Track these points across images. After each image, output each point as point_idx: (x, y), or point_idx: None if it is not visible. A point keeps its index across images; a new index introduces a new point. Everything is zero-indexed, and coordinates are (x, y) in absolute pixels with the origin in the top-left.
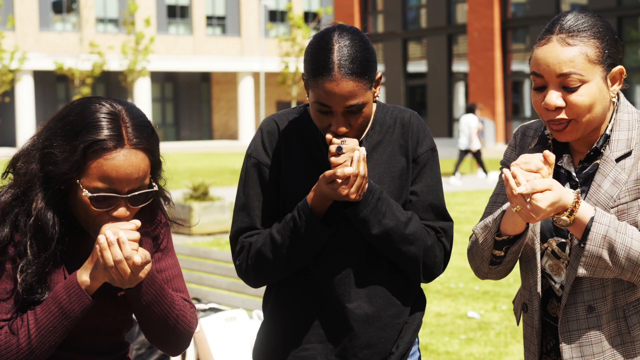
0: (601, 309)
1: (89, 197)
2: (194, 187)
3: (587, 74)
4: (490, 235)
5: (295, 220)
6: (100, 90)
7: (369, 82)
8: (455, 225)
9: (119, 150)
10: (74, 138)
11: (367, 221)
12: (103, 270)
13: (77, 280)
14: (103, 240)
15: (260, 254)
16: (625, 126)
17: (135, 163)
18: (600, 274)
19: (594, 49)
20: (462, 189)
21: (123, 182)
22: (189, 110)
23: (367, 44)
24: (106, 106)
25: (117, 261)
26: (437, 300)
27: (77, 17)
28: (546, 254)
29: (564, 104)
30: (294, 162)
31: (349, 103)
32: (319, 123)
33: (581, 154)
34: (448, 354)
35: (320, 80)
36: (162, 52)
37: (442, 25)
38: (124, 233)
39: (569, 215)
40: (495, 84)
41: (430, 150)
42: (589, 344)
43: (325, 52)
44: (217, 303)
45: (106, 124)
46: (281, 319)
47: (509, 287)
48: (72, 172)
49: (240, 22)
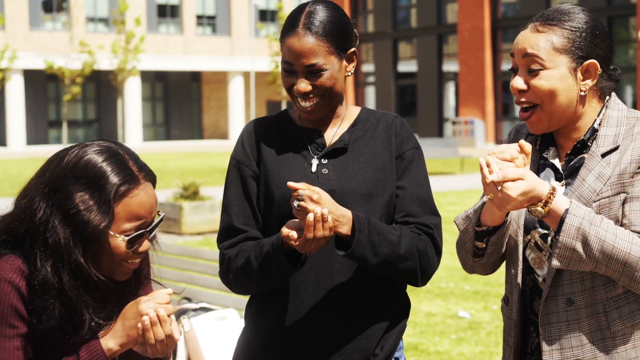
0: (580, 302)
1: (127, 240)
2: (184, 186)
3: (549, 61)
4: (470, 226)
5: (268, 254)
6: (90, 90)
7: (333, 47)
8: (446, 225)
9: (138, 186)
10: (95, 189)
11: (364, 258)
12: (134, 342)
13: (103, 348)
14: (147, 321)
15: (239, 272)
16: (614, 122)
17: (152, 194)
18: (575, 266)
19: (561, 38)
20: (452, 189)
21: (150, 216)
22: (179, 109)
23: (340, 14)
24: (102, 150)
25: (160, 341)
26: (428, 300)
27: (68, 16)
28: (529, 247)
29: (525, 87)
30: (274, 154)
31: (308, 61)
32: (284, 84)
33: (567, 148)
34: (439, 354)
35: (286, 38)
36: (152, 52)
37: (433, 25)
38: (164, 311)
39: (543, 206)
40: (486, 84)
41: (415, 148)
42: (567, 337)
43: (297, 14)
44: (208, 302)
45: (114, 167)
46: (262, 323)
47: (500, 286)
48: (104, 222)
49: (231, 22)
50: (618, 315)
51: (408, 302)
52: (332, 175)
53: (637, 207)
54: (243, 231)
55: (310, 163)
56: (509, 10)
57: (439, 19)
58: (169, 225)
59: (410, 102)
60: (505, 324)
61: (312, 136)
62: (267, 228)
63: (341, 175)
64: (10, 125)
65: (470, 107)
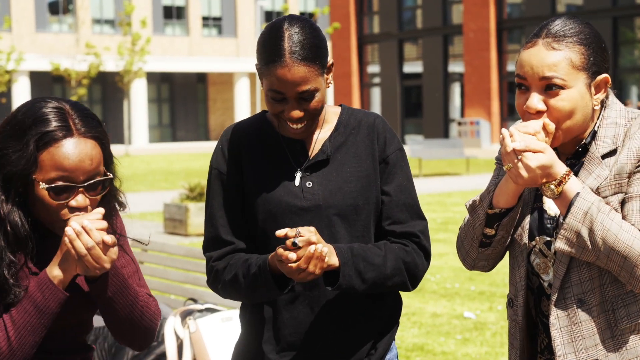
0: (591, 301)
1: (46, 189)
2: (190, 187)
3: (570, 80)
4: (482, 209)
5: (256, 275)
6: (96, 91)
7: (320, 68)
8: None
9: (68, 139)
10: (24, 135)
11: (352, 286)
12: (74, 262)
13: (49, 276)
14: (71, 232)
15: (227, 286)
16: (613, 122)
17: (86, 150)
18: (579, 253)
19: (578, 55)
20: (458, 190)
21: (77, 170)
22: (185, 110)
23: (317, 31)
24: (51, 102)
25: (90, 248)
26: (433, 300)
27: (74, 18)
28: (534, 252)
29: (545, 108)
30: (256, 166)
31: (301, 89)
32: (272, 110)
33: (568, 153)
34: (444, 354)
35: (272, 68)
36: (158, 53)
37: (438, 26)
38: (88, 222)
39: (557, 186)
40: (491, 85)
41: (398, 150)
42: (581, 338)
43: (277, 40)
44: (214, 303)
45: (53, 117)
46: (257, 326)
47: (505, 287)
48: (27, 167)
49: (236, 23)
50: (626, 313)
51: (399, 306)
52: (316, 189)
53: (636, 206)
54: (230, 243)
55: (294, 176)
56: (515, 11)
57: (445, 19)
58: (175, 226)
59: (416, 103)
60: (511, 326)
61: (293, 146)
62: (252, 240)
63: (325, 189)
64: None
65: (476, 108)
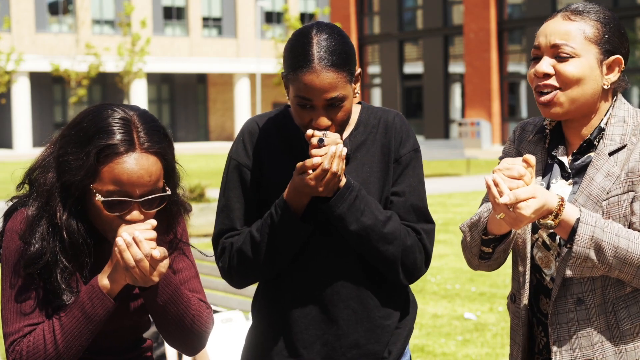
0: (590, 302)
1: (102, 202)
2: (190, 188)
3: (581, 50)
4: (477, 234)
5: (272, 217)
6: (96, 92)
7: (348, 75)
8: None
9: (130, 153)
10: (87, 144)
11: (343, 218)
12: (123, 272)
13: (99, 285)
14: (121, 242)
15: (241, 253)
16: (621, 122)
17: (146, 166)
18: (588, 272)
19: (593, 29)
20: (458, 191)
21: (135, 185)
22: (185, 111)
23: (346, 38)
24: (118, 112)
25: (138, 260)
26: (434, 301)
27: (73, 19)
28: (536, 246)
29: (552, 72)
30: (276, 163)
31: (329, 96)
32: (300, 119)
33: (575, 146)
34: (445, 355)
35: (300, 74)
36: (158, 54)
37: (438, 27)
38: (139, 233)
39: (554, 219)
40: (492, 85)
41: (413, 151)
42: (577, 337)
43: (305, 46)
44: (214, 304)
45: (118, 129)
46: (269, 321)
47: (505, 288)
48: (87, 178)
49: (237, 24)
50: (627, 315)
51: (415, 304)
52: None
53: None
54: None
55: None
56: (515, 12)
57: (445, 20)
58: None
59: (416, 104)
60: (513, 322)
61: None
62: None
63: None
64: (16, 128)
65: (476, 109)
